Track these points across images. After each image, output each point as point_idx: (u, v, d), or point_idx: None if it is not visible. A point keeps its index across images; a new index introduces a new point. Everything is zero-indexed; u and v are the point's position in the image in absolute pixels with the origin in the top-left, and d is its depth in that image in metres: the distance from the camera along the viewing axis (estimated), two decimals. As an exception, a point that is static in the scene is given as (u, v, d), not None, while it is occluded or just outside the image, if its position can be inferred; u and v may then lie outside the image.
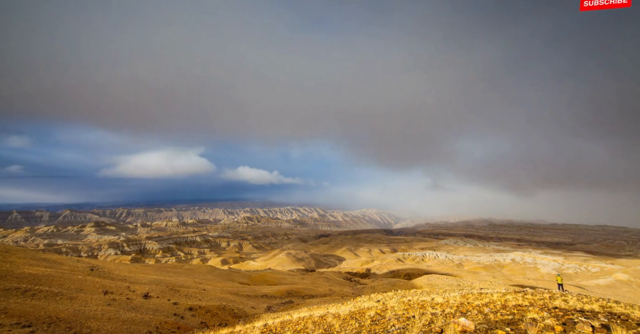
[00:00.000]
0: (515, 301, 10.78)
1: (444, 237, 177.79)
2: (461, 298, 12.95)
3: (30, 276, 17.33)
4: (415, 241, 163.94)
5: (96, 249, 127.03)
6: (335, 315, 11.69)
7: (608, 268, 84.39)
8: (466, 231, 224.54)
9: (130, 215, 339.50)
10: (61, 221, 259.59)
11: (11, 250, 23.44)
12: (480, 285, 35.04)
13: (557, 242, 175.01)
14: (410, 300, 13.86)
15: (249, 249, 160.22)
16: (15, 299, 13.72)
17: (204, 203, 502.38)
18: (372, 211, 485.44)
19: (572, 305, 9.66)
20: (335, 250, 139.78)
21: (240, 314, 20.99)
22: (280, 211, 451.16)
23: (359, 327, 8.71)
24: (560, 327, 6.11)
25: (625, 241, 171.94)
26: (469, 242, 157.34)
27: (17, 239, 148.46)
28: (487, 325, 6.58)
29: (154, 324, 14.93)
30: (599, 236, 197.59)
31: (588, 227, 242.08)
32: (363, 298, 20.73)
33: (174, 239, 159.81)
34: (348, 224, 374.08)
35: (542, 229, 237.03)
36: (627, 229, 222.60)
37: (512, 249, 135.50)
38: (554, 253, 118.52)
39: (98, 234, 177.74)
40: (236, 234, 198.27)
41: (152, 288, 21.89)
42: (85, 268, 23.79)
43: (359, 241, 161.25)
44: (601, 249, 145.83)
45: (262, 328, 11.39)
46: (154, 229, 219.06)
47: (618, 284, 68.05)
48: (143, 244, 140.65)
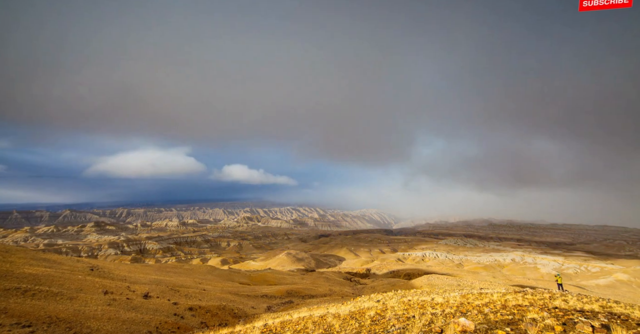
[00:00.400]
0: (515, 301, 10.78)
1: (444, 237, 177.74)
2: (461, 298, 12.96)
3: (30, 276, 17.33)
4: (415, 241, 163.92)
5: (96, 249, 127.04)
6: (335, 315, 11.69)
7: (608, 268, 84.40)
8: (466, 231, 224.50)
9: (130, 215, 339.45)
10: (61, 221, 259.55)
11: (11, 250, 23.44)
12: (480, 285, 35.03)
13: (557, 242, 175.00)
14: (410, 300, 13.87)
15: (249, 249, 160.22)
16: (15, 299, 13.72)
17: (204, 203, 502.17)
18: (372, 211, 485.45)
19: (572, 305, 9.66)
20: (335, 250, 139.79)
21: (240, 314, 20.99)
22: (280, 211, 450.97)
23: (359, 327, 8.71)
24: (560, 327, 6.11)
25: (625, 241, 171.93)
26: (469, 242, 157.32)
27: (17, 239, 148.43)
28: (487, 325, 6.58)
29: (154, 324, 14.93)
30: (599, 236, 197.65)
31: (588, 227, 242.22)
32: (363, 298, 20.73)
33: (174, 239, 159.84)
34: (348, 224, 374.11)
35: (542, 229, 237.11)
36: (627, 229, 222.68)
37: (512, 249, 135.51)
38: (554, 253, 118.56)
39: (98, 234, 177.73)
40: (236, 234, 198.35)
41: (152, 288, 21.89)
42: (85, 268, 23.79)
43: (359, 241, 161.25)
44: (601, 249, 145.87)
45: (262, 328, 11.39)
46: (154, 229, 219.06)
47: (618, 284, 68.06)
48: (143, 244, 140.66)
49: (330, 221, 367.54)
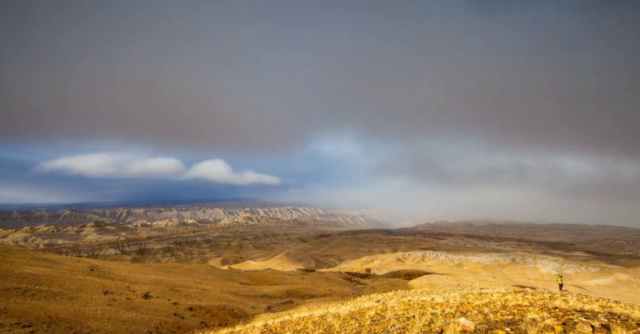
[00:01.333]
0: (515, 301, 10.79)
1: (444, 238, 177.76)
2: (461, 298, 12.96)
3: (30, 276, 17.33)
4: (415, 241, 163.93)
5: (96, 249, 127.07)
6: (335, 315, 11.69)
7: (608, 268, 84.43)
8: (466, 231, 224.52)
9: (131, 215, 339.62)
10: (61, 221, 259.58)
11: (11, 250, 23.45)
12: (480, 285, 35.05)
13: (557, 242, 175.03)
14: (410, 300, 13.87)
15: (249, 249, 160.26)
16: (15, 299, 13.72)
17: (204, 203, 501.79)
18: (372, 211, 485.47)
19: (572, 305, 9.67)
20: (335, 250, 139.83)
21: (240, 314, 21.00)
22: (280, 211, 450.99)
23: (359, 327, 8.71)
24: (560, 327, 6.11)
25: (625, 241, 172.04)
26: (469, 242, 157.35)
27: (17, 239, 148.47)
28: (487, 325, 6.58)
29: (154, 324, 14.94)
30: (599, 236, 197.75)
31: (588, 227, 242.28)
32: (363, 298, 20.74)
33: (174, 239, 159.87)
34: (348, 224, 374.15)
35: (542, 229, 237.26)
36: (627, 229, 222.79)
37: (512, 249, 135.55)
38: (554, 253, 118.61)
39: (98, 234, 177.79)
40: (236, 234, 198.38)
41: (152, 288, 21.89)
42: (85, 268, 23.79)
43: (359, 241, 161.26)
44: (601, 249, 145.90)
45: (262, 328, 11.40)
46: (154, 229, 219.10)
47: (618, 284, 68.11)
48: (143, 244, 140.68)
49: (330, 221, 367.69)
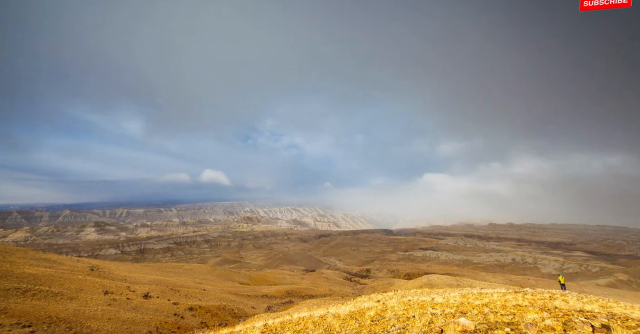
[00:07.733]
0: (515, 301, 10.78)
1: (444, 237, 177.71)
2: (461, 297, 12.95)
3: (31, 276, 17.33)
4: (415, 241, 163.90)
5: (96, 249, 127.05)
6: (335, 315, 11.68)
7: (608, 268, 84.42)
8: (466, 231, 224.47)
9: (131, 215, 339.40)
10: (61, 221, 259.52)
11: (11, 250, 23.44)
12: (480, 285, 35.03)
13: (557, 242, 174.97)
14: (410, 300, 13.86)
15: (249, 249, 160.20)
16: (15, 299, 13.72)
17: (204, 203, 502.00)
18: (372, 211, 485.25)
19: (572, 305, 9.66)
20: (335, 250, 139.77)
21: (240, 314, 21.00)
22: (280, 211, 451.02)
23: (359, 327, 8.71)
24: (560, 327, 6.10)
25: (625, 241, 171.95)
26: (469, 242, 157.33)
27: (17, 239, 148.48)
28: (487, 325, 6.58)
29: (154, 324, 14.94)
30: (599, 236, 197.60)
31: (588, 227, 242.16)
32: (363, 297, 20.73)
33: (174, 239, 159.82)
34: (348, 224, 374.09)
35: (542, 229, 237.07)
36: (627, 229, 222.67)
37: (512, 249, 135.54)
38: (554, 253, 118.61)
39: (98, 234, 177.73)
40: (236, 234, 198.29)
41: (152, 288, 21.89)
42: (85, 268, 23.79)
43: (359, 241, 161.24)
44: (601, 249, 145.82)
45: (262, 328, 11.39)
46: (154, 229, 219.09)
47: (618, 284, 68.10)
48: (143, 244, 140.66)
49: (330, 221, 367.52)
